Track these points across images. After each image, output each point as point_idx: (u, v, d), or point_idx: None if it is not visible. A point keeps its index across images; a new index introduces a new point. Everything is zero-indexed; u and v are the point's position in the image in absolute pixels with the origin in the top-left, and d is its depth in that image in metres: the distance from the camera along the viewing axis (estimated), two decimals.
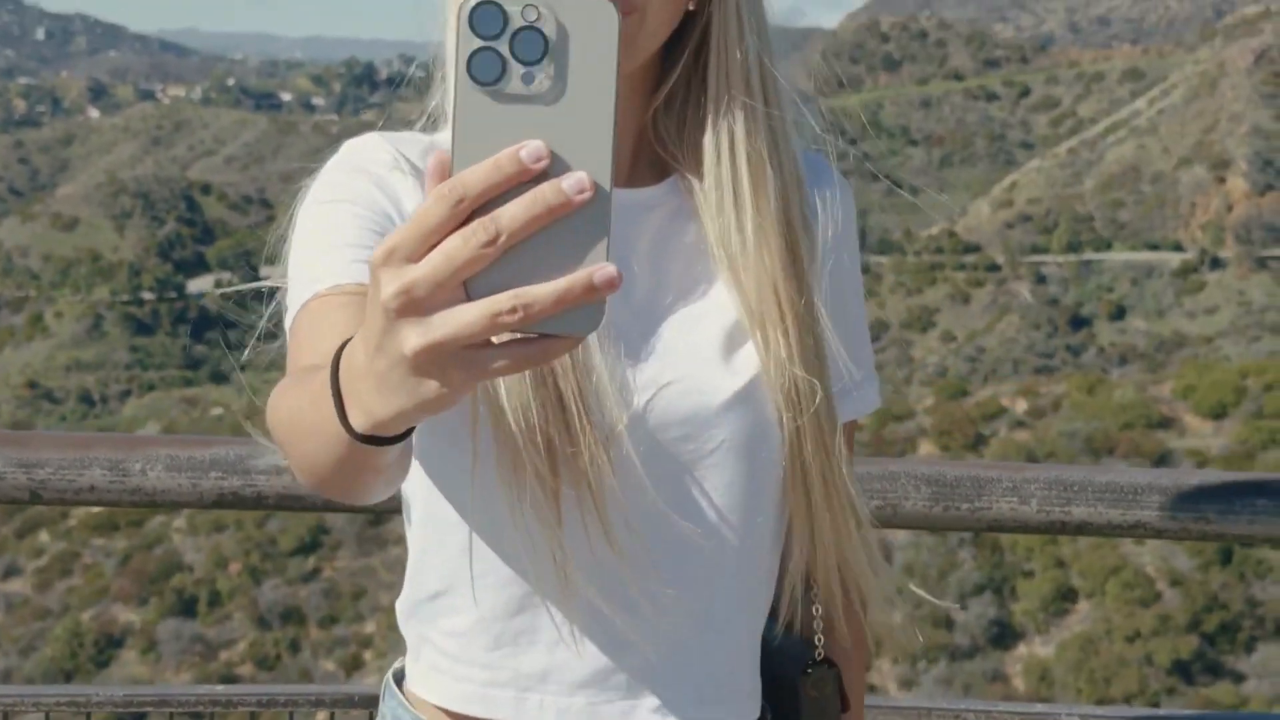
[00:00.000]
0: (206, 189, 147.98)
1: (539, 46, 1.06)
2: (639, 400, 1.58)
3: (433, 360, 1.06)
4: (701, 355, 1.61)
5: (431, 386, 1.08)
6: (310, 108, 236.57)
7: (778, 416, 1.61)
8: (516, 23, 1.06)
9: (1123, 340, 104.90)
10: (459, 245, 1.03)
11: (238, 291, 1.75)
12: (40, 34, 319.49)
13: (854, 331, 1.76)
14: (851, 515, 1.67)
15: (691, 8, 1.63)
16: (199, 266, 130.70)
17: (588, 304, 1.06)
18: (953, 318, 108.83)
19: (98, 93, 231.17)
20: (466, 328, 1.04)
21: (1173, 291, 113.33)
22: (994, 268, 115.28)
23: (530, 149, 1.04)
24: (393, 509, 1.89)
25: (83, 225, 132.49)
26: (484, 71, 1.06)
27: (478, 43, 1.06)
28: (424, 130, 1.71)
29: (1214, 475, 2.37)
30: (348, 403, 1.17)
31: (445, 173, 1.06)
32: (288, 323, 1.56)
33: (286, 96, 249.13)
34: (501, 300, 1.03)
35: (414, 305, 1.04)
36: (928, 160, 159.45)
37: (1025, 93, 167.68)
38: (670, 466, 1.60)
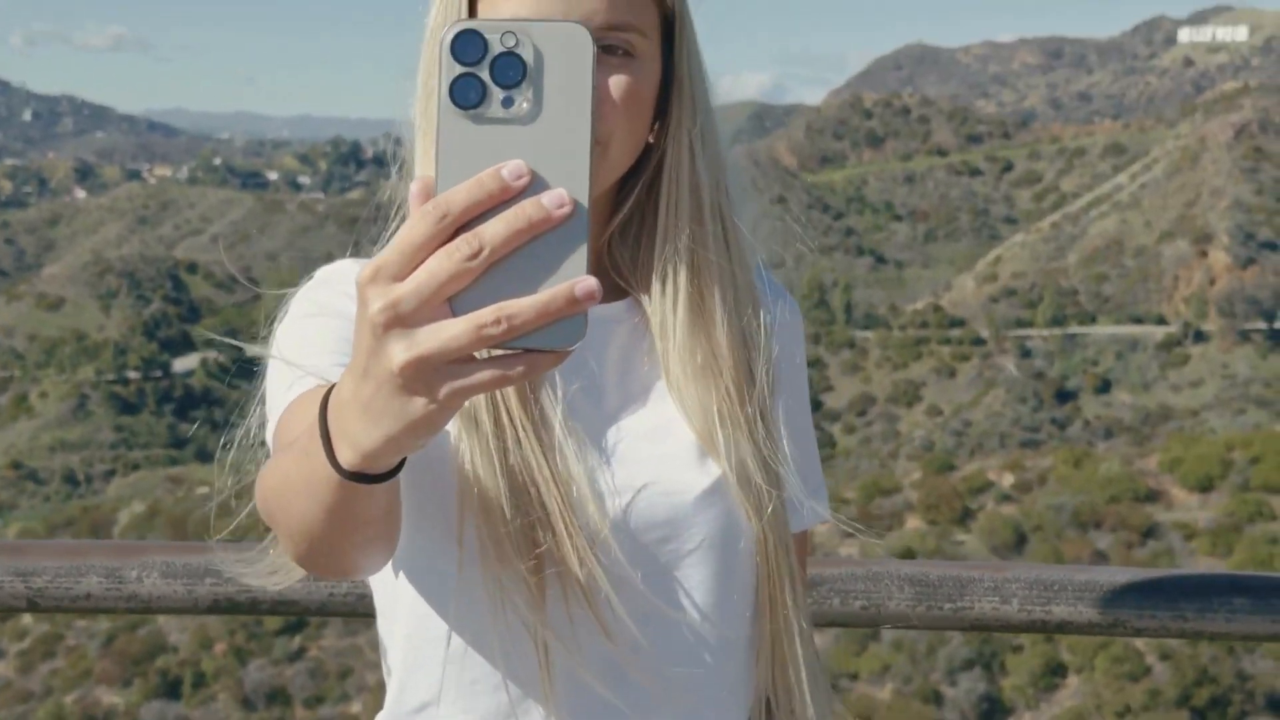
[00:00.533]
0: (192, 268, 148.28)
1: (517, 71, 1.10)
2: (619, 503, 1.62)
3: (419, 375, 1.08)
4: (673, 459, 1.66)
5: (419, 404, 1.10)
6: (296, 186, 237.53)
7: (745, 517, 1.66)
8: (496, 49, 1.10)
9: (1108, 413, 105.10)
10: (443, 261, 1.06)
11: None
12: (28, 115, 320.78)
13: (803, 447, 1.81)
14: (796, 623, 1.72)
15: (651, 140, 1.69)
16: (185, 345, 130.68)
17: (570, 317, 1.08)
18: (939, 392, 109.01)
19: (84, 173, 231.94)
20: (452, 341, 1.06)
21: (1157, 364, 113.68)
22: (979, 341, 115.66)
23: (511, 167, 1.08)
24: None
25: (68, 305, 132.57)
26: (465, 96, 1.09)
27: (459, 69, 1.09)
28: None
29: (1192, 574, 2.39)
30: (335, 441, 1.19)
31: (430, 195, 1.09)
32: (270, 428, 1.59)
33: (273, 175, 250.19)
34: (486, 314, 1.06)
35: (400, 320, 1.07)
36: (912, 235, 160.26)
37: (1008, 168, 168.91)
38: (654, 566, 1.64)
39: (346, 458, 1.18)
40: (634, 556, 1.61)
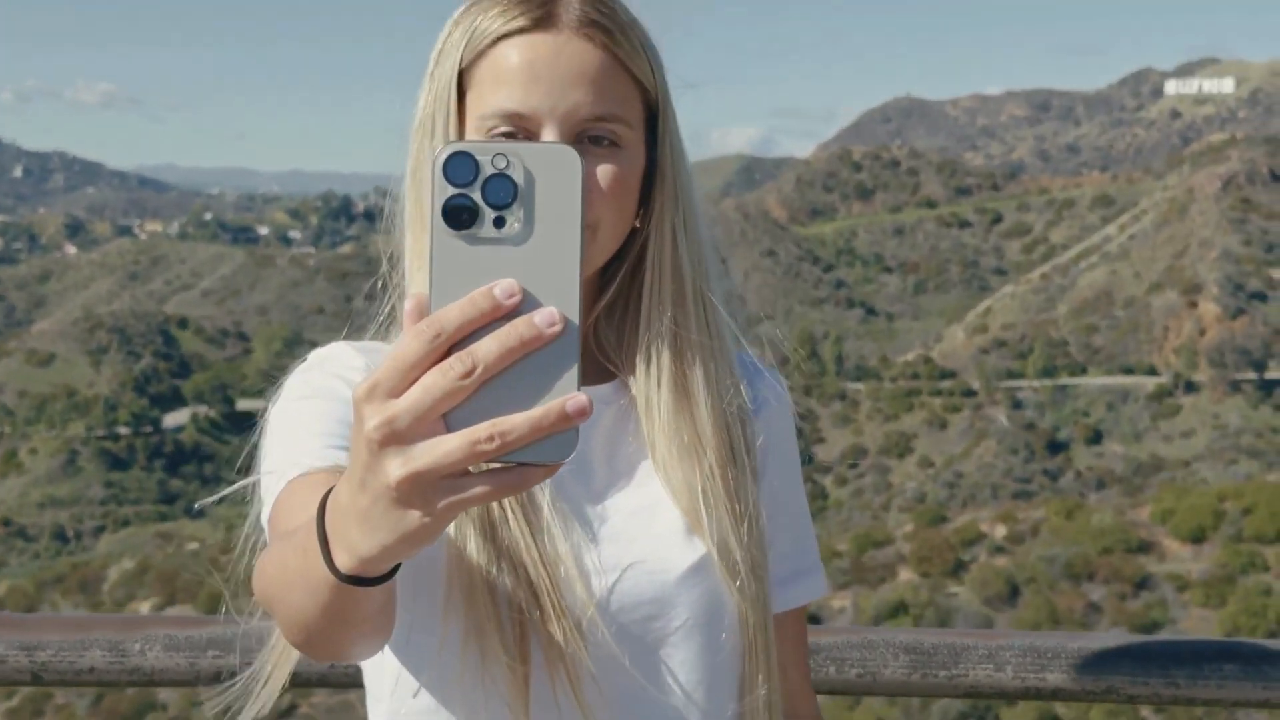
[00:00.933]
0: (183, 323, 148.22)
1: (509, 192, 1.12)
2: (606, 582, 1.65)
3: (415, 490, 1.10)
4: (659, 538, 1.70)
5: (414, 517, 1.12)
6: (287, 241, 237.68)
7: (728, 596, 1.70)
8: (487, 170, 1.12)
9: (1100, 464, 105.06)
10: (438, 379, 1.08)
11: (224, 498, 1.77)
12: (18, 171, 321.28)
13: (796, 526, 1.87)
14: (777, 702, 1.76)
15: (636, 225, 1.75)
16: (175, 400, 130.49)
17: (561, 432, 1.11)
18: (930, 443, 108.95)
19: (75, 229, 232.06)
20: (447, 457, 1.08)
21: (1148, 415, 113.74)
22: (970, 393, 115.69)
23: (503, 286, 1.10)
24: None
25: (59, 361, 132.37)
26: (458, 217, 1.12)
27: (451, 190, 1.12)
28: (381, 334, 1.78)
29: (1183, 640, 2.43)
30: (333, 544, 1.21)
31: (423, 313, 1.11)
32: (266, 511, 1.60)
33: (263, 230, 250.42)
34: (480, 430, 1.08)
35: (396, 437, 1.09)
36: (902, 287, 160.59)
37: (997, 219, 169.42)
38: (640, 645, 1.67)
39: (343, 562, 1.20)
40: (620, 635, 1.65)
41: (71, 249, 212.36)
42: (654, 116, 1.76)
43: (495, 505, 1.63)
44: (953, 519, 65.95)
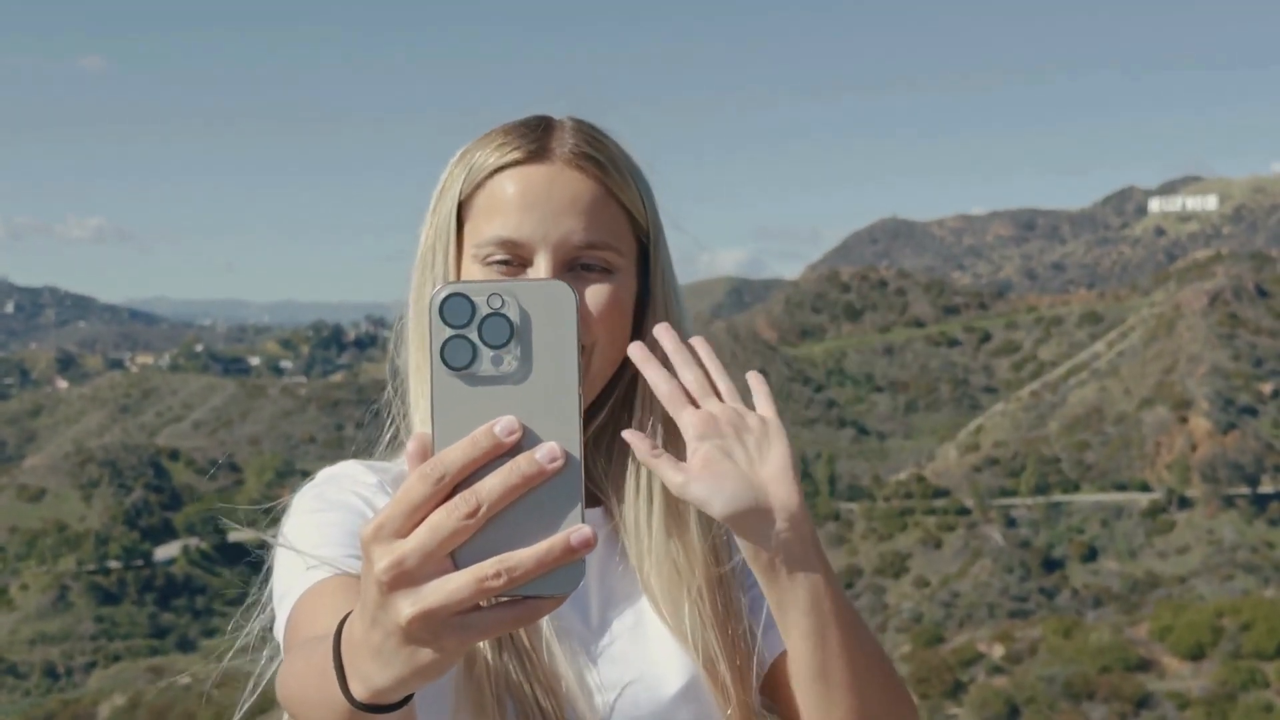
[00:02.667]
0: (174, 455, 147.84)
1: (505, 331, 1.14)
2: (607, 699, 1.71)
3: (426, 628, 1.12)
4: (653, 657, 1.76)
5: (426, 654, 1.14)
6: (279, 371, 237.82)
7: (718, 711, 1.76)
8: (483, 310, 1.14)
9: (1096, 582, 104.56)
10: (444, 519, 1.10)
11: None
12: (10, 307, 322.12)
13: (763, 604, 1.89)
14: None
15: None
16: (166, 533, 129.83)
17: (567, 565, 1.12)
18: (925, 562, 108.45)
19: (66, 363, 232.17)
20: (456, 593, 1.10)
21: (1143, 532, 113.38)
22: (964, 511, 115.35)
23: (503, 424, 1.12)
24: None
25: (49, 495, 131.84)
26: (456, 358, 1.13)
27: (449, 332, 1.14)
28: (387, 455, 1.85)
29: None
30: (349, 673, 1.22)
31: (426, 453, 1.13)
32: (282, 619, 1.64)
33: (255, 361, 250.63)
34: (487, 567, 1.10)
35: (406, 577, 1.11)
36: (893, 406, 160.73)
37: (986, 338, 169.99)
38: None
39: (359, 691, 1.21)
40: None
41: (63, 383, 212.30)
42: (645, 245, 1.83)
43: None
44: (950, 639, 65.49)
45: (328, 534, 1.68)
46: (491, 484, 1.10)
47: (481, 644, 1.65)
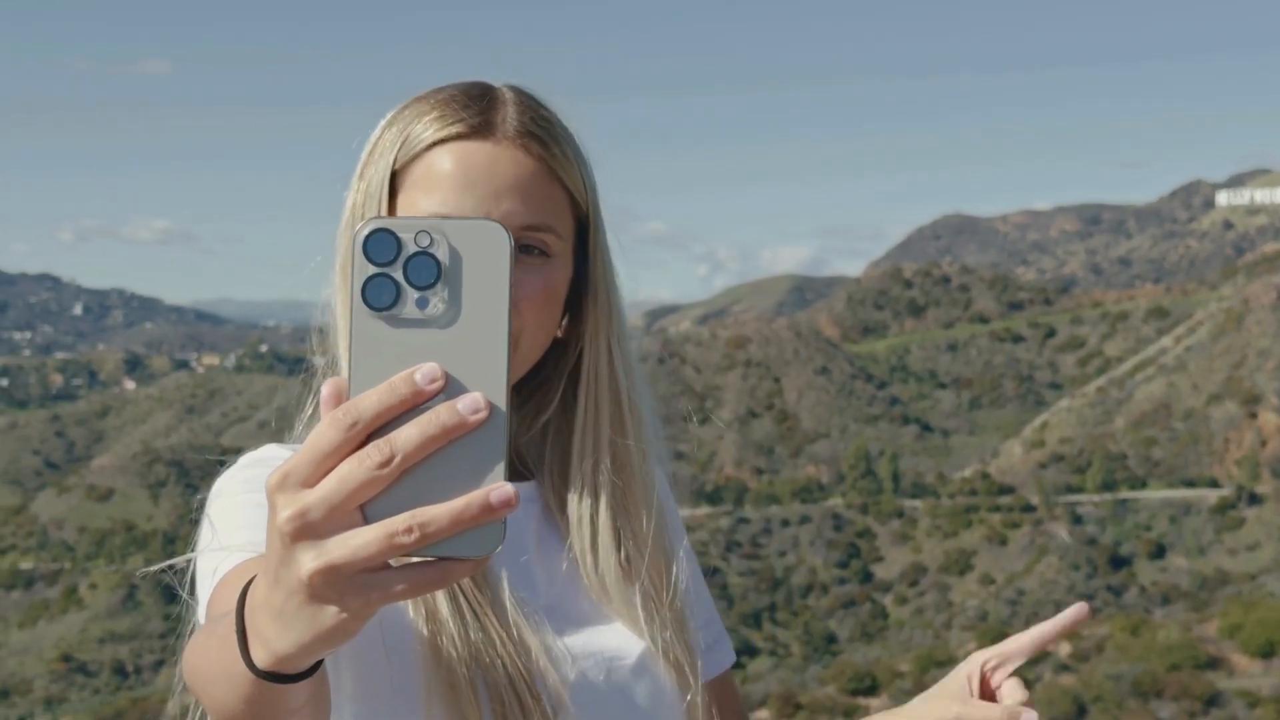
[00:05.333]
0: (239, 454, 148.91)
1: (432, 271, 1.07)
2: (574, 670, 1.69)
3: (329, 584, 1.05)
4: (607, 630, 1.76)
5: (330, 613, 1.07)
6: None
7: (672, 685, 1.77)
8: (410, 249, 1.07)
9: (1164, 579, 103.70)
10: (354, 468, 1.04)
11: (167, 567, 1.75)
12: (78, 309, 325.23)
13: (703, 597, 1.95)
14: None
15: (559, 335, 1.78)
16: None
17: (486, 524, 1.05)
18: (990, 560, 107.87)
19: (134, 364, 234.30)
20: (363, 549, 1.03)
21: (1212, 528, 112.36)
22: (1029, 508, 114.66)
23: (425, 371, 1.05)
24: None
25: (118, 496, 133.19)
26: (378, 297, 1.07)
27: (372, 269, 1.07)
28: (309, 431, 1.73)
29: None
30: (250, 639, 1.15)
31: (341, 398, 1.07)
32: (202, 604, 1.59)
33: (319, 360, 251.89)
34: (398, 522, 1.03)
35: (309, 529, 1.04)
36: (957, 402, 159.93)
37: (1051, 334, 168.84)
38: None
39: (260, 658, 1.14)
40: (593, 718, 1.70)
41: (130, 384, 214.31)
42: (584, 228, 1.77)
43: (464, 604, 1.62)
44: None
45: (255, 516, 1.62)
46: (408, 434, 1.04)
47: (446, 618, 1.62)
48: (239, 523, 1.63)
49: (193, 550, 1.70)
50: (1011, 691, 1.82)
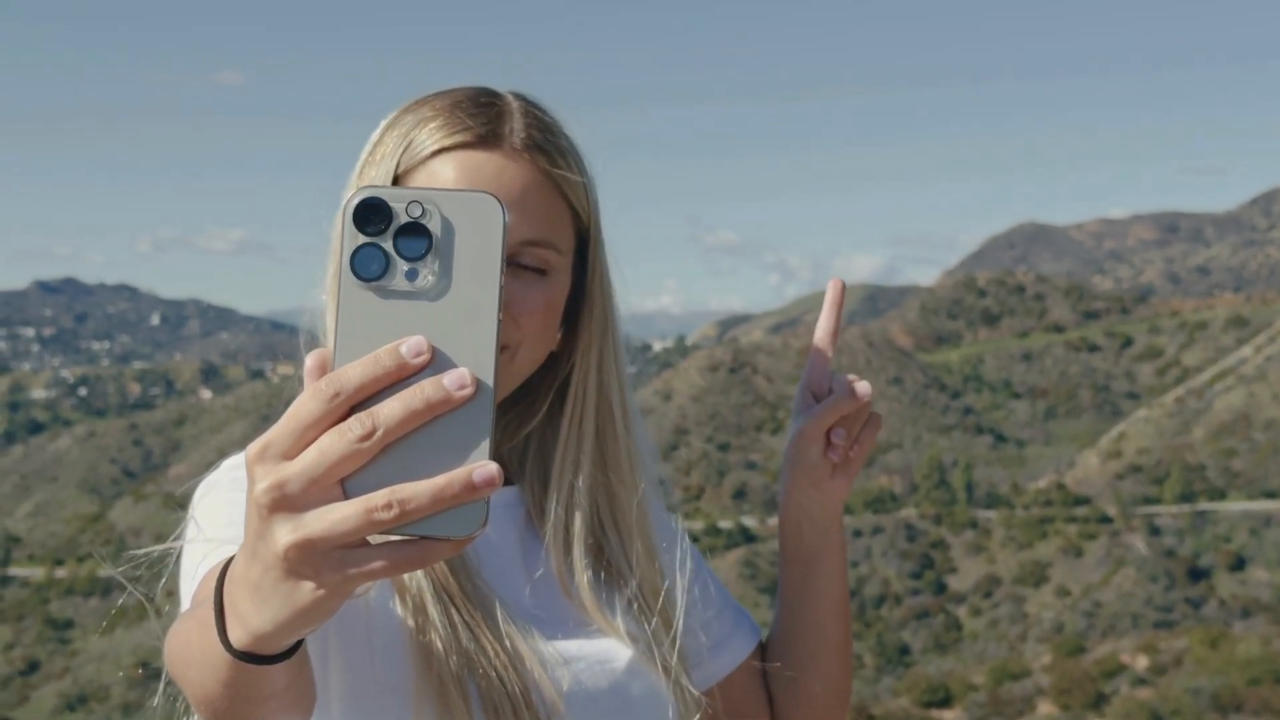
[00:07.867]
0: None
1: (423, 243, 1.05)
2: (566, 674, 1.66)
3: (305, 559, 1.03)
4: (598, 636, 1.74)
5: (306, 589, 1.05)
6: None
7: (664, 688, 1.75)
8: (400, 219, 1.05)
9: (1244, 592, 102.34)
10: (334, 441, 1.02)
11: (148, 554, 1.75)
12: (155, 319, 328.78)
13: (708, 599, 1.92)
14: None
15: (555, 349, 1.76)
16: None
17: (468, 504, 1.03)
18: (1066, 571, 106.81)
19: (210, 373, 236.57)
20: (341, 524, 1.01)
21: None
22: (1106, 520, 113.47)
23: (411, 344, 1.03)
24: None
25: None
26: (367, 268, 1.04)
27: (361, 239, 1.05)
28: None
29: None
30: (228, 617, 1.13)
31: (326, 369, 1.06)
32: (187, 598, 1.57)
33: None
34: (378, 498, 1.01)
35: (287, 501, 1.02)
36: (1032, 412, 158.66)
37: (1128, 343, 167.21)
38: None
39: (238, 637, 1.12)
40: None
41: (206, 393, 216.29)
42: (584, 242, 1.75)
43: (453, 609, 1.60)
44: (1092, 650, 64.49)
45: (231, 514, 1.62)
46: (391, 408, 1.01)
47: (435, 620, 1.59)
48: (226, 519, 1.62)
49: (175, 545, 1.70)
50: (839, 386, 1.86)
